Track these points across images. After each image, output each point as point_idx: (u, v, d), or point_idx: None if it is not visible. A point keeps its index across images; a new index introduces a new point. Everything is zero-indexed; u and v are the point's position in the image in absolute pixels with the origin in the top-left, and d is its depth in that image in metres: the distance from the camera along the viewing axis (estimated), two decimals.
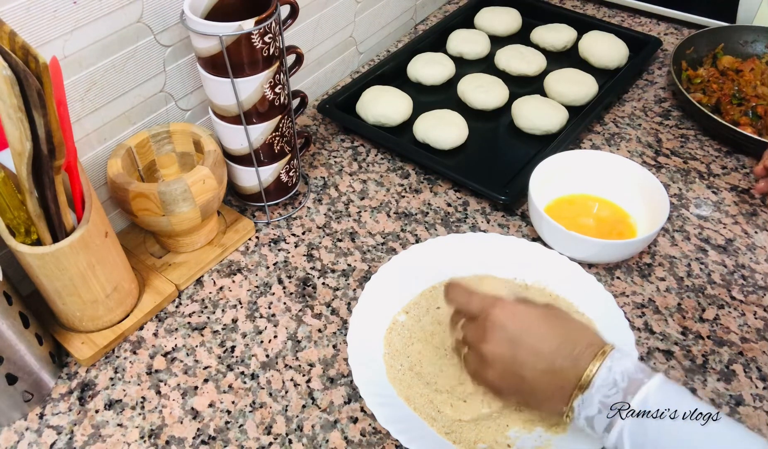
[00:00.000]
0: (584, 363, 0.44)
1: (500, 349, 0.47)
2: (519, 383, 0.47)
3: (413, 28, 1.10)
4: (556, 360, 0.45)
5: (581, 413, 0.44)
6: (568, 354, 0.45)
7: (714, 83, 0.85)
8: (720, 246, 0.69)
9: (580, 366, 0.44)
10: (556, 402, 0.45)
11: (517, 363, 0.46)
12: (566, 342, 0.46)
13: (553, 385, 0.45)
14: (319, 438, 0.54)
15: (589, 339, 0.46)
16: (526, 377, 0.46)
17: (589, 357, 0.44)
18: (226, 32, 0.58)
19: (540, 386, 0.46)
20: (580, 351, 0.45)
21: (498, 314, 0.48)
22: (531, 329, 0.47)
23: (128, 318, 0.62)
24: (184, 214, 0.62)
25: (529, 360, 0.46)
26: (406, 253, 0.65)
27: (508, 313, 0.48)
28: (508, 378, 0.47)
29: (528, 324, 0.47)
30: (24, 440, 0.54)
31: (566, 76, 0.88)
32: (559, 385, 0.45)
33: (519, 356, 0.46)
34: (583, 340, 0.46)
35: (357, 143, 0.85)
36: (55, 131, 0.46)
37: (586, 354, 0.45)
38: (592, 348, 0.45)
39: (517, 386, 0.47)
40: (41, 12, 0.55)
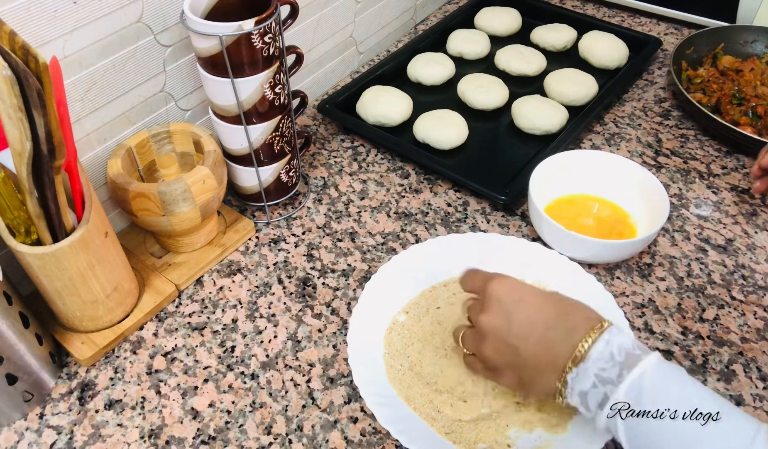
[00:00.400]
0: (579, 335, 0.43)
1: (496, 319, 0.47)
2: (513, 356, 0.46)
3: (413, 28, 1.10)
4: (549, 331, 0.45)
5: (575, 388, 0.43)
6: (562, 326, 0.45)
7: (714, 83, 0.85)
8: (720, 246, 0.69)
9: (575, 338, 0.43)
10: (549, 376, 0.45)
11: (511, 334, 0.46)
12: (561, 315, 0.45)
13: (546, 357, 0.45)
14: (319, 438, 0.54)
15: (585, 313, 0.46)
16: (520, 349, 0.46)
17: (585, 330, 0.44)
18: (226, 32, 0.58)
19: (533, 358, 0.45)
20: (575, 324, 0.44)
21: (495, 286, 0.48)
22: (526, 300, 0.47)
23: (128, 318, 0.62)
24: (184, 214, 0.62)
25: (522, 331, 0.46)
26: (406, 253, 0.65)
27: (506, 285, 0.48)
28: (503, 351, 0.47)
29: (523, 296, 0.47)
30: (24, 440, 0.54)
31: (566, 76, 0.88)
32: (553, 357, 0.44)
33: (513, 327, 0.46)
34: (580, 314, 0.45)
35: (357, 143, 0.85)
36: (55, 131, 0.46)
37: (581, 327, 0.44)
38: (589, 321, 0.44)
39: (511, 359, 0.47)
40: (41, 12, 0.55)
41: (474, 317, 0.50)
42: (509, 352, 0.47)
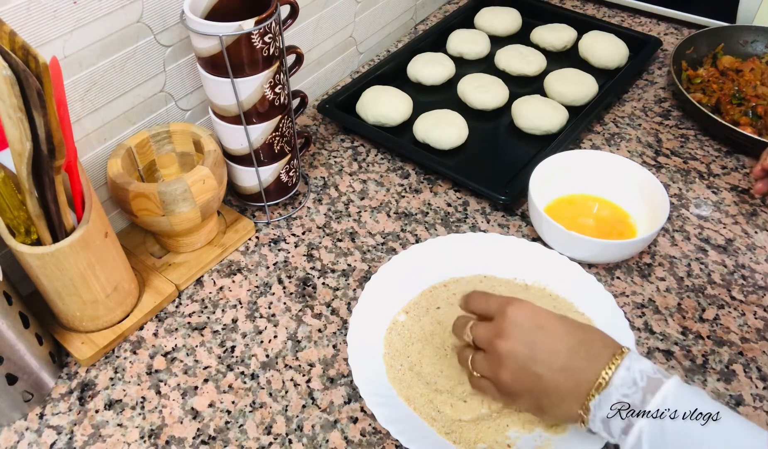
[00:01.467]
0: (602, 362, 0.43)
1: (517, 346, 0.46)
2: (534, 382, 0.46)
3: (413, 28, 1.10)
4: (573, 358, 0.44)
5: (597, 414, 0.43)
6: (585, 354, 0.44)
7: (714, 83, 0.85)
8: (720, 246, 0.69)
9: (598, 365, 0.43)
10: (570, 404, 0.44)
11: (533, 360, 0.45)
12: (583, 342, 0.45)
13: (568, 385, 0.44)
14: (319, 438, 0.54)
15: (605, 340, 0.46)
16: (542, 375, 0.45)
17: (607, 357, 0.44)
18: (226, 32, 0.58)
19: (555, 385, 0.45)
20: (597, 351, 0.44)
21: (515, 312, 0.47)
22: (547, 327, 0.46)
23: (128, 318, 0.62)
24: (184, 214, 0.62)
25: (545, 358, 0.45)
26: (406, 253, 0.65)
27: (526, 311, 0.47)
28: (522, 378, 0.46)
29: (545, 322, 0.47)
30: (24, 440, 0.54)
31: (566, 76, 0.88)
32: (575, 385, 0.44)
33: (536, 353, 0.45)
34: (600, 341, 0.45)
35: (357, 143, 0.85)
36: (55, 131, 0.46)
37: (603, 353, 0.44)
38: (610, 348, 0.44)
39: (531, 386, 0.46)
40: (41, 12, 0.55)
41: (488, 341, 0.48)
42: (530, 379, 0.46)
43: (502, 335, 0.47)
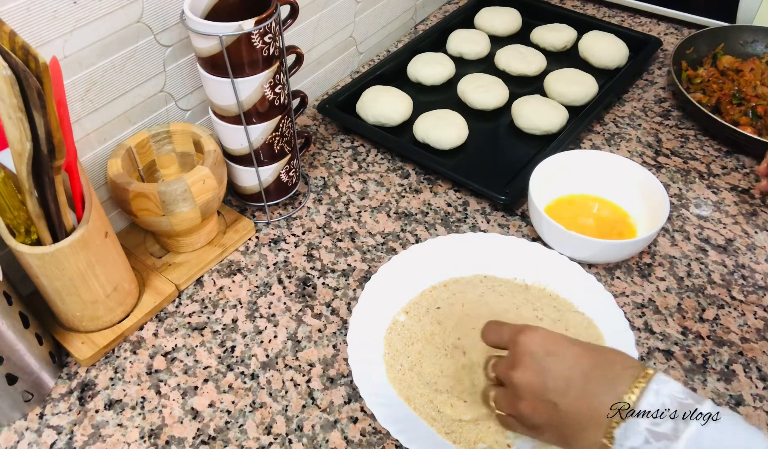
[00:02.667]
0: (623, 386, 0.40)
1: (530, 375, 0.44)
2: (552, 412, 0.43)
3: (413, 28, 1.10)
4: (589, 384, 0.41)
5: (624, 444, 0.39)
6: (602, 377, 0.41)
7: (714, 83, 0.85)
8: (720, 246, 0.69)
9: (619, 389, 0.40)
10: (593, 432, 0.40)
11: (548, 389, 0.43)
12: (600, 365, 0.42)
13: (587, 412, 0.41)
14: (319, 438, 0.54)
15: (625, 361, 0.42)
16: (558, 405, 0.42)
17: (628, 380, 0.40)
18: (226, 32, 0.58)
19: (574, 414, 0.42)
20: (616, 374, 0.41)
21: (526, 340, 0.45)
22: (560, 352, 0.44)
23: (128, 318, 0.62)
24: (184, 214, 0.62)
25: (559, 386, 0.42)
26: (406, 253, 0.65)
27: (537, 337, 0.45)
28: (540, 408, 0.44)
29: (557, 348, 0.44)
30: (24, 440, 0.54)
31: (566, 76, 0.88)
32: (595, 412, 0.40)
33: (549, 382, 0.43)
34: (620, 362, 0.42)
35: (357, 143, 0.85)
36: (55, 131, 0.46)
37: (624, 376, 0.41)
38: (632, 370, 0.41)
39: (549, 416, 0.43)
40: (41, 12, 0.55)
41: (504, 374, 0.46)
42: (547, 409, 0.43)
43: (515, 365, 0.45)
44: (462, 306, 0.62)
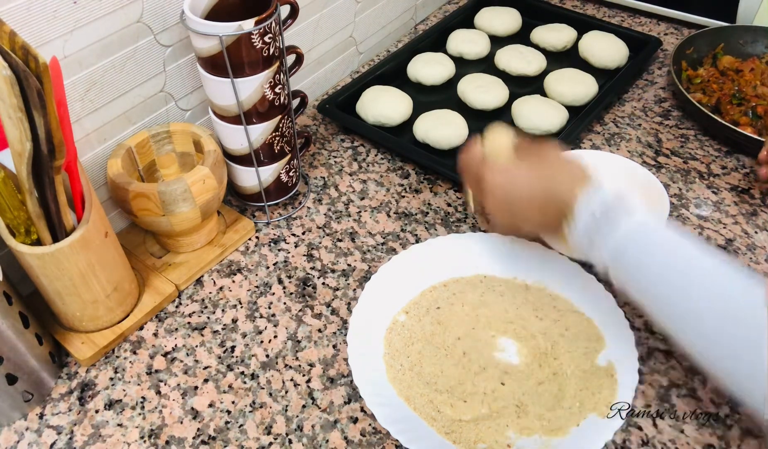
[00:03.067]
0: (569, 198, 0.51)
1: (497, 209, 0.57)
2: (517, 231, 0.61)
3: (413, 28, 1.10)
4: (543, 214, 0.54)
5: (574, 240, 0.52)
6: (553, 209, 0.53)
7: (714, 83, 0.85)
8: (720, 246, 0.69)
9: (563, 216, 0.52)
10: (550, 233, 0.57)
11: (516, 218, 0.56)
12: (551, 201, 0.53)
13: (545, 227, 0.56)
14: (319, 438, 0.54)
15: (573, 174, 0.53)
16: (522, 228, 0.59)
17: (573, 191, 0.51)
18: (226, 32, 0.58)
19: (536, 228, 0.58)
20: (565, 189, 0.52)
21: (489, 181, 0.56)
22: (520, 187, 0.55)
23: (128, 318, 0.62)
24: (184, 214, 0.62)
25: (521, 215, 0.56)
26: (406, 253, 0.65)
27: (498, 179, 0.56)
28: (508, 228, 0.60)
29: (513, 189, 0.55)
30: (24, 440, 0.54)
31: (566, 76, 0.88)
32: (550, 225, 0.54)
33: (515, 216, 0.56)
34: (564, 195, 0.52)
35: (357, 143, 0.85)
36: (55, 130, 0.46)
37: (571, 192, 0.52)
38: (577, 182, 0.52)
39: (517, 233, 0.62)
40: (41, 12, 0.55)
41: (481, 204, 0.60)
42: (513, 229, 0.61)
43: (486, 198, 0.57)
44: (462, 306, 0.62)
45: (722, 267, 0.46)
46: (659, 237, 0.50)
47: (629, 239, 0.49)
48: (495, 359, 0.57)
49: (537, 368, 0.56)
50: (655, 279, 0.48)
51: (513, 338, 0.59)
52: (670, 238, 0.49)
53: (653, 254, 0.49)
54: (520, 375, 0.56)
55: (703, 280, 0.47)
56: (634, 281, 0.50)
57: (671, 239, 0.49)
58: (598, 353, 0.57)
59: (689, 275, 0.47)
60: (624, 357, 0.55)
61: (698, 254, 0.48)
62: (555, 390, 0.55)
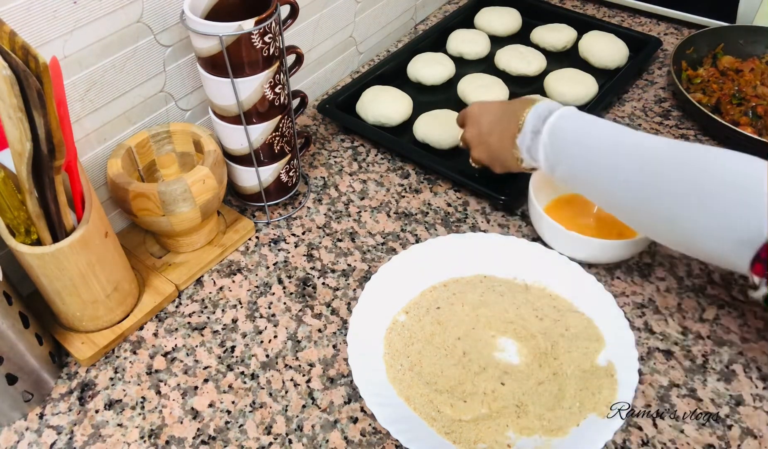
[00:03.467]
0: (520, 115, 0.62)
1: (471, 130, 0.69)
2: (488, 148, 0.67)
3: (413, 28, 1.10)
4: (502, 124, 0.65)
5: (522, 148, 0.62)
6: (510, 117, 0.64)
7: (714, 83, 0.85)
8: None
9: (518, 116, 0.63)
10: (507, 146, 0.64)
11: (482, 134, 0.68)
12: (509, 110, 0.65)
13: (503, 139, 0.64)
14: (319, 438, 0.54)
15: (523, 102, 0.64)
16: (489, 143, 0.67)
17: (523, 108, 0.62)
18: (226, 32, 0.58)
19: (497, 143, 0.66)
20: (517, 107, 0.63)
21: (468, 109, 0.71)
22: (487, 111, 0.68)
23: (128, 318, 0.62)
24: (184, 214, 0.62)
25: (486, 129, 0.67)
26: (406, 253, 0.65)
27: (474, 106, 0.70)
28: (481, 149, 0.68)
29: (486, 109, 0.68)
30: (24, 440, 0.54)
31: (566, 76, 0.88)
32: (508, 137, 0.64)
33: (483, 129, 0.68)
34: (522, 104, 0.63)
35: (357, 143, 0.85)
36: (55, 130, 0.46)
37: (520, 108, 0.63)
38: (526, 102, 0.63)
39: (488, 150, 0.67)
40: (41, 12, 0.55)
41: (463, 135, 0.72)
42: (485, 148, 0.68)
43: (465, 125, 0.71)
44: (462, 306, 0.62)
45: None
46: (591, 118, 0.59)
47: (564, 117, 0.59)
48: (495, 359, 0.57)
49: (537, 368, 0.56)
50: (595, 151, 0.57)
51: (513, 338, 0.59)
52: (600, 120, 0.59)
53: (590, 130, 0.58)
54: (520, 375, 0.56)
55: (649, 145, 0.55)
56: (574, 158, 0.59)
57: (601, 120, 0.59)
58: (598, 353, 0.57)
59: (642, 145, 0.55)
60: (624, 357, 0.56)
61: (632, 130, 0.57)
62: (555, 390, 0.55)
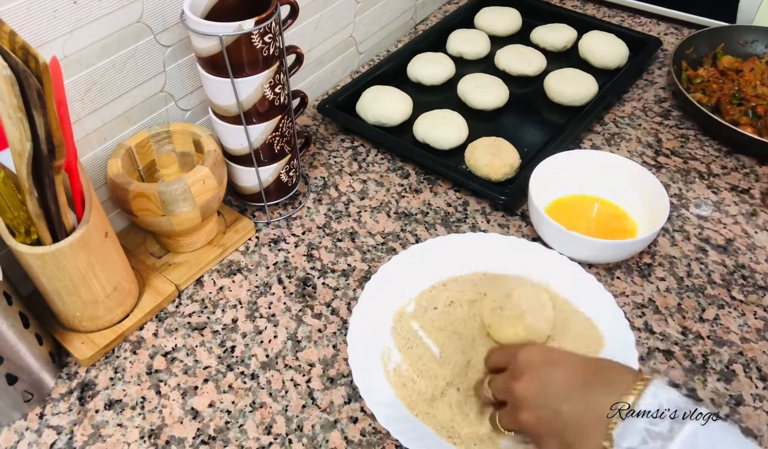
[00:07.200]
0: (621, 388, 0.41)
1: (531, 385, 0.45)
2: (553, 420, 0.43)
3: (413, 28, 1.10)
4: (589, 388, 0.42)
5: (621, 444, 0.39)
6: (603, 381, 0.42)
7: (714, 83, 0.85)
8: (720, 246, 0.69)
9: (617, 391, 0.40)
10: (593, 436, 0.41)
11: (549, 396, 0.44)
12: (598, 370, 0.44)
13: (588, 417, 0.41)
14: (319, 438, 0.54)
15: (623, 367, 0.44)
16: (561, 411, 0.43)
17: (628, 382, 0.41)
18: (226, 32, 0.58)
19: (575, 420, 0.42)
20: (615, 378, 0.42)
21: (525, 353, 0.47)
22: (559, 362, 0.45)
23: (128, 318, 0.62)
24: (184, 214, 0.62)
25: (561, 393, 0.43)
26: (406, 253, 0.65)
27: (537, 350, 0.47)
28: (542, 417, 0.44)
29: (555, 357, 0.46)
30: (24, 440, 0.54)
31: (566, 76, 0.88)
32: (596, 416, 0.41)
33: (550, 389, 0.44)
34: (617, 369, 0.43)
35: (357, 143, 0.85)
36: (55, 130, 0.46)
37: (622, 379, 0.41)
38: (630, 374, 0.42)
39: (552, 424, 0.43)
40: (41, 12, 0.55)
41: (504, 388, 0.47)
42: (549, 417, 0.44)
43: (515, 377, 0.46)
44: (462, 306, 0.62)
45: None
46: None
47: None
48: None
49: None
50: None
51: None
52: None
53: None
54: None
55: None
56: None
57: None
58: (598, 353, 0.57)
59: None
60: (624, 357, 0.55)
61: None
62: None
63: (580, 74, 0.88)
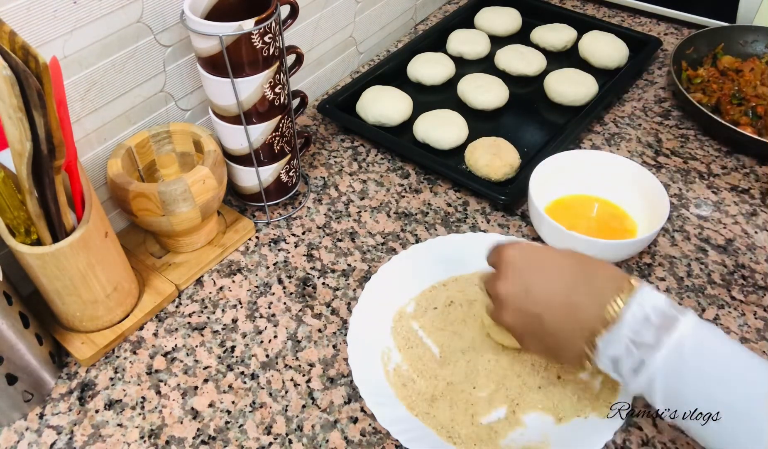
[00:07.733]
0: (607, 296, 0.40)
1: (512, 287, 0.44)
2: (536, 324, 0.43)
3: (413, 28, 1.10)
4: (572, 294, 0.41)
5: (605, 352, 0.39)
6: (587, 289, 0.41)
7: (714, 83, 0.85)
8: (720, 246, 0.69)
9: (603, 300, 0.40)
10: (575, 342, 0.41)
11: (530, 299, 0.43)
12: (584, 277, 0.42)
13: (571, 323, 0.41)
14: (319, 438, 0.54)
15: (611, 272, 0.42)
16: (542, 316, 0.42)
17: (613, 291, 0.40)
18: (226, 32, 0.58)
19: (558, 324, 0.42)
20: (601, 284, 0.41)
21: (510, 252, 0.45)
22: (544, 263, 0.44)
23: (128, 318, 0.62)
24: (184, 214, 0.62)
25: (542, 298, 0.42)
26: (406, 253, 0.65)
27: (520, 249, 0.45)
28: (522, 319, 0.44)
29: (541, 258, 0.44)
30: (24, 440, 0.54)
31: (566, 76, 0.88)
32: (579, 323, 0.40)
33: (532, 291, 0.43)
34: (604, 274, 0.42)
35: (357, 143, 0.85)
36: (55, 130, 0.46)
37: (608, 287, 0.40)
38: (617, 281, 0.41)
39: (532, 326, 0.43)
40: (41, 12, 0.55)
41: (489, 286, 0.47)
42: (530, 321, 0.43)
43: (499, 277, 0.45)
44: (461, 306, 0.62)
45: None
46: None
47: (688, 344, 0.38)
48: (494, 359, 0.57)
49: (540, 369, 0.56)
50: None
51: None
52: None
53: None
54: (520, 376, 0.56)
55: None
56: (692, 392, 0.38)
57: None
58: None
59: None
60: None
61: None
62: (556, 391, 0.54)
63: (580, 74, 0.88)
